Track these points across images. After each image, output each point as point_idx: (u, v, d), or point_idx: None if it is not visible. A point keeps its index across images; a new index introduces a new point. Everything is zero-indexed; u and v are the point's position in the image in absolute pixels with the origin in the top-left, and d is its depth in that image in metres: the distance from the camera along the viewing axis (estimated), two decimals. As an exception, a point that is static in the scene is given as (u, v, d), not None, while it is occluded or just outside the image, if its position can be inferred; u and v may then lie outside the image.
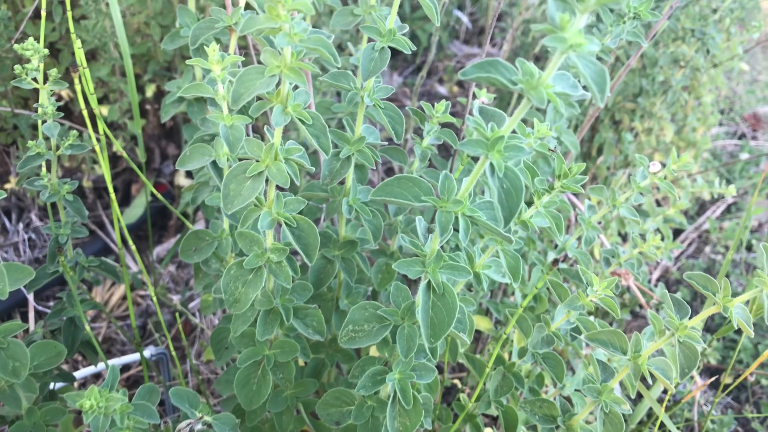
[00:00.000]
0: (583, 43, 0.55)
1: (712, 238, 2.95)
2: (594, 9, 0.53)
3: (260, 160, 0.81)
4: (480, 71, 0.61)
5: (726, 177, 3.19)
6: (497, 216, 0.66)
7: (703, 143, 2.74)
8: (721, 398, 2.25)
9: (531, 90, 0.60)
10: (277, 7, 0.61)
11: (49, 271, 1.14)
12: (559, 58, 0.58)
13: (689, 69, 2.18)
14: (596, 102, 0.52)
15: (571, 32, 0.56)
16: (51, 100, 0.98)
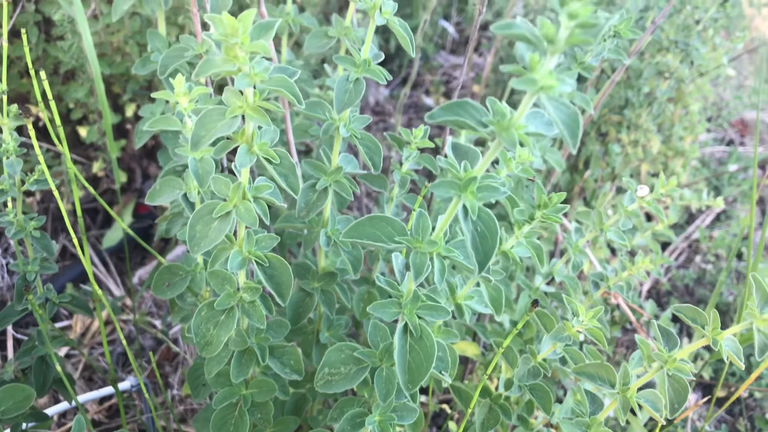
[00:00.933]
0: (554, 85, 0.52)
1: (702, 248, 2.94)
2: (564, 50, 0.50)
3: (228, 200, 0.78)
4: (448, 114, 0.57)
5: (715, 184, 3.18)
6: (471, 262, 0.63)
7: (691, 152, 2.72)
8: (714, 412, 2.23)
9: (502, 132, 0.57)
10: (235, 49, 0.58)
11: (17, 309, 1.10)
12: (530, 99, 0.55)
13: (674, 80, 2.16)
14: (569, 148, 0.49)
15: (541, 73, 0.53)
16: (14, 135, 0.95)
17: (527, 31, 0.50)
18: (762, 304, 0.79)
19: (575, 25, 0.48)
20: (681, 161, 2.78)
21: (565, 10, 0.48)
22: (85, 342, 2.00)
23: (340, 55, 0.88)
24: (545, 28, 0.49)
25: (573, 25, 0.48)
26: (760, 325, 0.78)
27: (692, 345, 0.86)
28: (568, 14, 0.48)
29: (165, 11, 1.30)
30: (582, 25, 0.47)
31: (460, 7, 3.73)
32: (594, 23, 0.46)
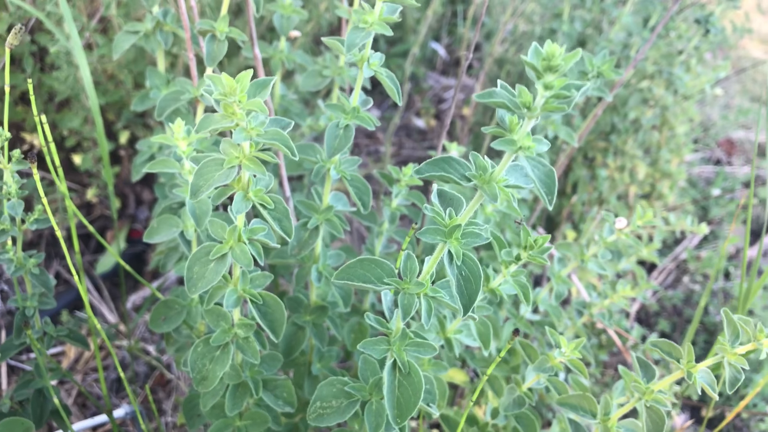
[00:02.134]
0: (532, 146, 0.56)
1: (690, 268, 2.98)
2: (539, 116, 0.54)
3: (224, 242, 0.81)
4: (434, 169, 0.61)
5: (703, 205, 3.22)
6: (456, 304, 0.67)
7: (678, 174, 2.78)
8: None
9: (484, 185, 0.61)
10: (233, 106, 0.61)
11: (15, 343, 1.13)
12: (510, 157, 0.58)
13: (659, 108, 2.21)
14: (545, 204, 0.53)
15: (519, 135, 0.57)
16: (15, 178, 0.98)
17: (507, 99, 0.54)
18: (732, 338, 0.83)
19: (550, 95, 0.52)
20: (668, 183, 2.83)
21: (541, 81, 0.52)
22: (78, 368, 2.02)
23: (330, 103, 0.92)
24: (523, 96, 0.53)
25: (548, 95, 0.52)
26: (731, 359, 0.82)
27: (669, 377, 0.89)
28: (543, 85, 0.52)
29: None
30: (556, 96, 0.51)
31: (450, 29, 3.79)
32: (567, 95, 0.50)
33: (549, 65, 0.51)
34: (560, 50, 0.51)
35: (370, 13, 0.79)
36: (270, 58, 1.36)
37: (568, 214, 2.53)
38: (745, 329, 0.82)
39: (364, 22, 0.79)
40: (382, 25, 0.80)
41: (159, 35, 1.27)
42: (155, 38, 1.27)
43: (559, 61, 0.50)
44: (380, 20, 0.80)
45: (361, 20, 0.79)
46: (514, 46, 2.62)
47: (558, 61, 0.50)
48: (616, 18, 2.01)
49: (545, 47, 0.51)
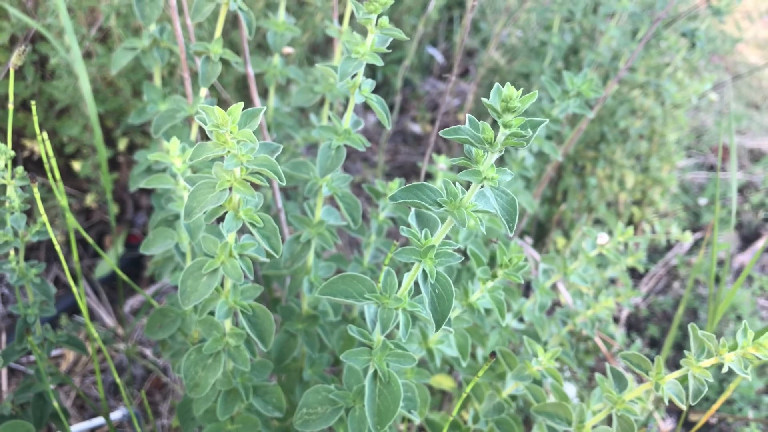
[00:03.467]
0: (496, 177, 0.61)
1: (680, 274, 3.01)
2: (501, 150, 0.58)
3: (216, 257, 0.86)
4: (408, 196, 0.66)
5: (694, 211, 3.26)
6: (430, 320, 0.71)
7: (668, 181, 2.82)
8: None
9: (454, 210, 0.66)
10: (225, 136, 0.66)
11: (17, 348, 1.17)
12: (476, 187, 0.63)
13: (647, 118, 2.26)
14: (506, 232, 0.58)
15: (484, 166, 0.61)
16: (18, 192, 1.03)
17: (471, 136, 0.58)
18: (698, 353, 0.88)
19: (509, 133, 0.57)
20: (659, 189, 2.87)
21: (501, 121, 0.56)
22: (77, 370, 2.06)
23: (323, 125, 0.96)
24: (486, 133, 0.58)
25: (508, 133, 0.57)
26: (696, 372, 0.87)
27: (639, 388, 0.94)
28: (503, 124, 0.57)
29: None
30: (514, 134, 0.56)
31: (447, 35, 3.82)
32: (523, 134, 0.55)
33: (507, 107, 0.55)
34: (517, 93, 0.55)
35: (362, 44, 0.84)
36: (264, 73, 1.41)
37: (558, 221, 2.58)
38: (708, 345, 0.87)
39: (356, 52, 0.84)
40: (374, 56, 0.85)
41: (156, 52, 1.31)
42: (152, 55, 1.32)
43: (516, 103, 0.55)
44: (372, 51, 0.85)
45: (353, 51, 0.84)
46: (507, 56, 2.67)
47: (515, 103, 0.55)
48: (605, 31, 2.06)
49: (504, 90, 0.56)
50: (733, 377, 2.39)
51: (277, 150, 0.79)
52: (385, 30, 0.84)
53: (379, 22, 0.83)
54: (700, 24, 2.07)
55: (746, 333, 0.84)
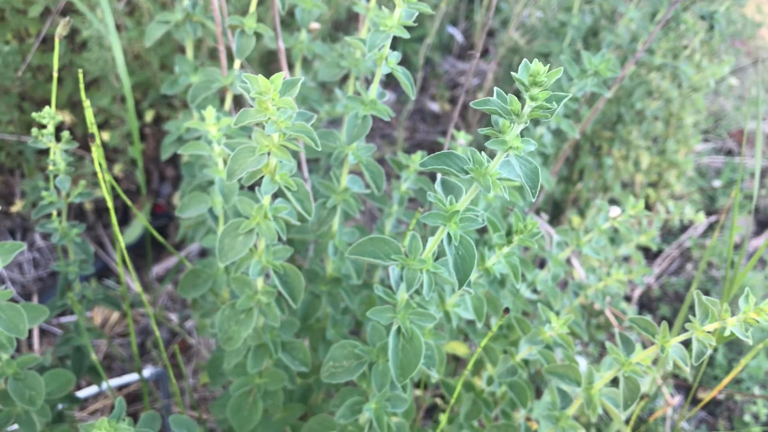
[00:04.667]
0: (521, 146, 0.66)
1: (693, 255, 3.04)
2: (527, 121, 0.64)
3: (251, 218, 0.92)
4: (437, 163, 0.72)
5: (710, 194, 3.27)
6: (453, 279, 0.77)
7: (684, 164, 2.85)
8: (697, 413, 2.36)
9: (480, 177, 0.71)
10: (266, 103, 0.72)
11: (58, 304, 1.25)
12: (501, 155, 0.69)
13: (663, 100, 2.29)
14: (528, 198, 0.63)
15: (510, 136, 0.67)
16: (63, 156, 1.09)
17: (499, 107, 0.64)
18: (702, 318, 0.93)
19: (535, 105, 0.62)
20: (675, 172, 2.90)
21: (528, 94, 0.62)
22: (105, 331, 2.15)
23: (350, 96, 1.02)
24: (513, 105, 0.63)
25: (534, 105, 0.62)
26: (699, 335, 0.92)
27: (646, 351, 1.00)
28: (530, 97, 0.62)
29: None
30: (540, 107, 0.61)
31: (467, 14, 3.84)
32: (548, 106, 0.60)
33: (534, 81, 0.61)
34: (544, 69, 0.60)
35: (390, 17, 0.89)
36: (291, 48, 1.46)
37: (573, 200, 2.62)
38: (712, 310, 0.92)
39: (384, 25, 0.89)
40: (401, 29, 0.90)
41: (188, 25, 1.37)
42: (185, 28, 1.37)
43: (542, 78, 0.60)
44: (399, 24, 0.90)
45: (381, 24, 0.89)
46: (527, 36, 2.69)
47: (542, 78, 0.60)
48: (624, 12, 2.08)
49: (532, 65, 0.61)
50: (742, 357, 2.43)
51: (312, 118, 0.85)
52: (412, 4, 0.89)
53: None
54: (719, 7, 2.09)
55: (748, 299, 0.90)
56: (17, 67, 2.08)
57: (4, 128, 2.20)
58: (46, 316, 1.01)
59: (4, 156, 2.26)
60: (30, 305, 1.00)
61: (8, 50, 2.04)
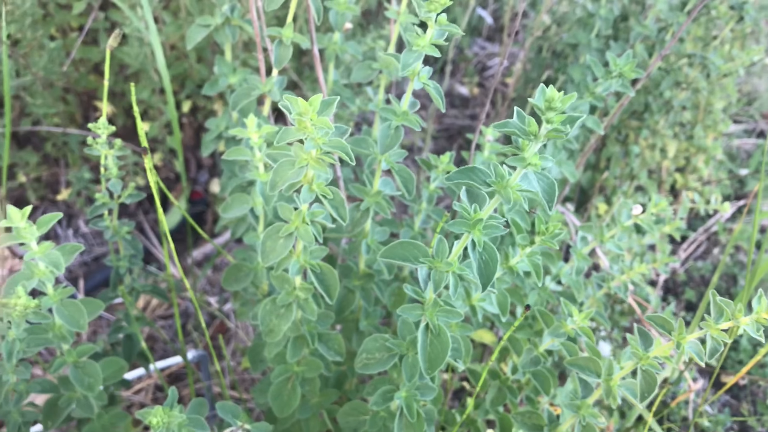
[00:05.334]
0: (539, 163, 0.72)
1: (721, 240, 3.04)
2: (545, 140, 0.69)
3: (291, 222, 0.99)
4: (462, 177, 0.78)
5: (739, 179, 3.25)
6: (477, 282, 0.84)
7: (713, 149, 2.84)
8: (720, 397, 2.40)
9: (501, 190, 0.77)
10: (305, 122, 0.78)
11: (110, 296, 1.34)
12: (521, 171, 0.74)
13: (690, 90, 2.30)
14: (545, 211, 0.69)
15: (528, 153, 0.72)
16: (115, 161, 1.17)
17: (518, 129, 0.69)
18: (717, 316, 0.98)
19: (551, 128, 0.68)
20: (703, 157, 2.90)
21: (544, 117, 0.67)
22: (147, 314, 2.26)
23: (383, 107, 1.08)
24: (531, 127, 0.69)
25: (550, 128, 0.68)
26: (714, 333, 0.97)
27: (663, 346, 1.05)
28: (545, 120, 0.68)
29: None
30: (556, 130, 0.67)
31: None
32: (562, 129, 0.66)
33: (550, 106, 0.66)
34: (559, 95, 0.66)
35: (422, 38, 0.95)
36: (325, 48, 1.52)
37: (600, 188, 2.65)
38: (726, 309, 0.97)
39: (417, 45, 0.95)
40: (432, 48, 0.96)
41: (227, 29, 1.44)
42: (224, 32, 1.44)
43: (557, 104, 0.66)
44: (430, 44, 0.96)
45: (414, 44, 0.95)
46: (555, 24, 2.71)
47: (557, 104, 0.66)
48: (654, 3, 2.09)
49: (547, 92, 0.67)
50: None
51: (346, 132, 0.91)
52: (443, 26, 0.94)
53: (438, 19, 0.94)
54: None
55: (761, 300, 0.94)
56: (62, 62, 2.17)
57: (50, 120, 2.30)
58: (101, 310, 1.10)
59: (50, 147, 2.37)
60: (87, 301, 1.09)
61: (54, 46, 2.14)
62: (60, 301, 1.04)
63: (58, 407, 1.15)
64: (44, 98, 2.18)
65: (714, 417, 2.21)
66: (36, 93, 2.17)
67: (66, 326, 1.05)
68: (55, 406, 1.15)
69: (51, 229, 2.39)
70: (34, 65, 2.06)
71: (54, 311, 1.04)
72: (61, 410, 1.15)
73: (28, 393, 1.13)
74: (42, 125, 2.30)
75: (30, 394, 1.14)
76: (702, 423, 2.16)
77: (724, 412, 2.24)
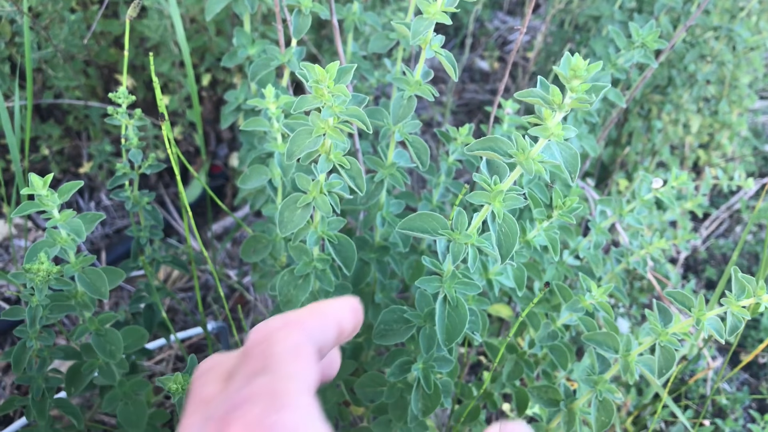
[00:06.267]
0: (561, 134, 0.71)
1: (744, 218, 3.00)
2: (568, 110, 0.68)
3: (308, 193, 0.99)
4: (482, 147, 0.77)
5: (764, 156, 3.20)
6: (496, 254, 0.83)
7: (738, 124, 2.80)
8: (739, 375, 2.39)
9: (523, 161, 0.76)
10: (322, 90, 0.78)
11: (131, 266, 1.36)
12: (543, 141, 0.74)
13: (715, 64, 2.25)
14: (568, 181, 0.68)
15: (552, 123, 0.71)
16: (136, 131, 1.18)
17: (541, 97, 0.68)
18: (738, 293, 0.97)
19: (575, 97, 0.67)
20: (727, 133, 2.85)
21: (568, 86, 0.66)
22: (167, 287, 2.29)
23: (397, 77, 1.07)
24: (555, 96, 0.68)
25: (575, 97, 0.67)
26: (734, 309, 0.96)
27: (682, 323, 1.04)
28: (570, 89, 0.66)
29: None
30: (580, 99, 0.66)
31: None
32: (587, 99, 0.65)
33: (575, 74, 0.65)
34: (584, 63, 0.65)
35: (433, 5, 0.94)
36: (344, 19, 1.51)
37: (621, 163, 2.62)
38: (747, 286, 0.96)
39: (427, 13, 0.94)
40: (443, 16, 0.95)
41: (246, 0, 1.43)
42: (242, 2, 1.43)
43: (582, 72, 0.65)
44: (441, 11, 0.95)
45: (425, 11, 0.94)
46: None
47: (582, 72, 0.65)
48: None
49: (573, 60, 0.66)
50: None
51: (364, 101, 0.91)
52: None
53: (451, -15, 0.93)
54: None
55: (783, 277, 0.93)
56: (83, 35, 2.18)
57: (71, 93, 2.31)
58: (122, 278, 1.11)
59: (71, 120, 2.39)
60: (109, 269, 1.10)
61: (74, 18, 2.14)
62: (82, 268, 1.05)
63: (81, 374, 1.17)
64: (65, 71, 2.19)
65: (732, 395, 2.20)
66: (57, 66, 2.18)
67: (88, 294, 1.06)
68: (77, 372, 1.17)
69: (73, 201, 2.41)
70: (54, 38, 2.07)
71: (76, 278, 1.05)
72: (84, 377, 1.17)
73: (52, 359, 1.15)
74: (64, 98, 2.31)
75: (54, 360, 1.16)
76: (720, 401, 2.16)
77: (743, 391, 2.23)
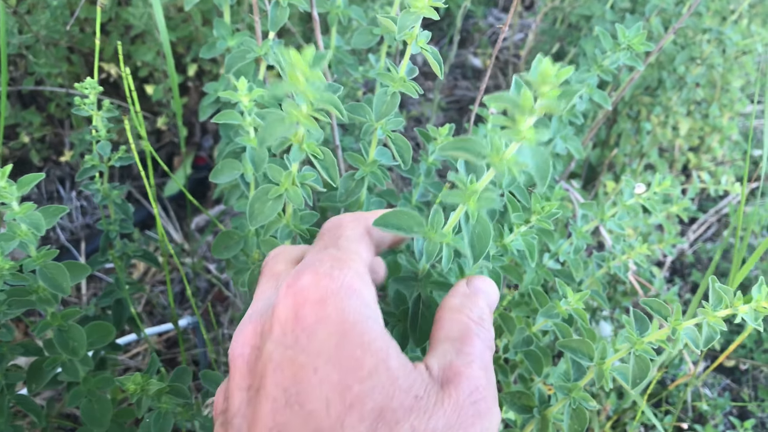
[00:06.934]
0: (533, 137, 0.68)
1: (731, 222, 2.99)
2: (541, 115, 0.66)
3: (280, 184, 0.96)
4: (455, 148, 0.74)
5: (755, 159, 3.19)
6: (468, 256, 0.81)
7: (728, 128, 2.78)
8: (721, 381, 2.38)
9: (496, 163, 0.74)
10: (297, 75, 0.75)
11: (100, 260, 1.32)
12: (516, 145, 0.71)
13: (705, 66, 2.23)
14: (539, 188, 0.66)
15: (523, 127, 0.69)
16: (104, 122, 1.15)
17: (511, 103, 0.66)
18: (715, 303, 0.95)
19: (545, 103, 0.64)
20: (718, 137, 2.83)
21: (538, 91, 0.64)
22: (147, 280, 2.25)
23: (381, 72, 1.04)
24: (525, 100, 0.65)
25: (544, 102, 0.64)
26: (710, 320, 0.94)
27: (658, 332, 1.02)
28: (540, 94, 0.64)
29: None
30: (548, 106, 0.63)
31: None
32: (556, 106, 0.62)
33: (544, 80, 0.63)
34: (554, 69, 0.62)
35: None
36: (327, 12, 1.47)
37: (609, 165, 2.60)
38: (724, 297, 0.94)
39: (414, 7, 0.91)
40: (430, 10, 0.92)
41: (227, -11, 1.39)
42: (223, -8, 1.40)
43: (551, 78, 0.62)
44: (428, 5, 0.92)
45: (412, 5, 0.91)
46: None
47: (551, 78, 0.62)
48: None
49: (542, 65, 0.63)
50: None
51: (339, 90, 0.88)
52: (442, -10, 0.90)
53: (437, -21, 0.90)
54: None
55: (761, 288, 0.91)
56: (66, 21, 2.13)
57: (54, 80, 2.27)
58: (87, 274, 1.07)
59: (53, 107, 2.35)
60: (73, 263, 1.07)
61: (56, 4, 2.09)
62: (43, 263, 1.02)
63: (43, 370, 1.14)
64: (47, 58, 2.15)
65: (713, 401, 2.19)
66: (39, 52, 2.14)
67: (49, 290, 1.03)
68: (39, 369, 1.14)
69: (54, 190, 2.37)
70: (34, 24, 2.02)
71: (37, 273, 1.02)
72: (45, 373, 1.14)
73: (13, 355, 1.11)
74: (45, 85, 2.27)
75: (16, 356, 1.13)
76: (701, 406, 2.14)
77: (725, 396, 2.22)
